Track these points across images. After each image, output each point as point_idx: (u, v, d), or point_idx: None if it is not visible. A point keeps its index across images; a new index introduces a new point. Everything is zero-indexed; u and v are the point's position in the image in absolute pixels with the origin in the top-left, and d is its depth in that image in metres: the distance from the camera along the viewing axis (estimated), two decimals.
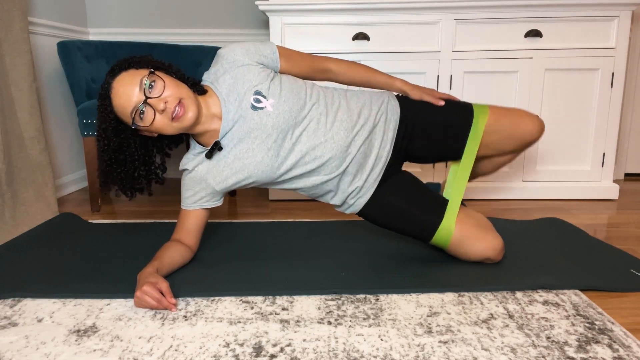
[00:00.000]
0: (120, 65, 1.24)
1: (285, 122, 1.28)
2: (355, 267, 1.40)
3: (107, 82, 1.23)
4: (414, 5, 2.07)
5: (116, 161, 1.29)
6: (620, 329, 1.06)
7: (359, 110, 1.37)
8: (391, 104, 1.43)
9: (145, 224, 1.85)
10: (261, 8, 2.09)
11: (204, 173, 1.34)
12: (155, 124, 1.22)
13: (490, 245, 1.37)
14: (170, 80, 1.23)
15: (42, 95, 2.25)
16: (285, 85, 1.31)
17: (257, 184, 1.35)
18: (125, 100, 1.20)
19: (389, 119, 1.41)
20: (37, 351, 0.99)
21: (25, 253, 1.51)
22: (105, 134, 1.26)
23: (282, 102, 1.28)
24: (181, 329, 1.07)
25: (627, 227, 1.84)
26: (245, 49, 1.33)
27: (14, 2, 1.81)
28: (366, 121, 1.37)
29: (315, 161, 1.32)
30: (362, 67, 1.46)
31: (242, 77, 1.30)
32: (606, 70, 2.14)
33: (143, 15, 2.69)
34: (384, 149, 1.40)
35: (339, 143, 1.32)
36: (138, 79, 1.20)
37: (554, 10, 2.08)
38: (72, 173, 2.51)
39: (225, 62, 1.32)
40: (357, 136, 1.35)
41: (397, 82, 1.46)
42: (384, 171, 1.41)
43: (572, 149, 2.22)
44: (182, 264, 1.37)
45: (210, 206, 1.38)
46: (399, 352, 0.98)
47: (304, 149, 1.31)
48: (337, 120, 1.33)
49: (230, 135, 1.30)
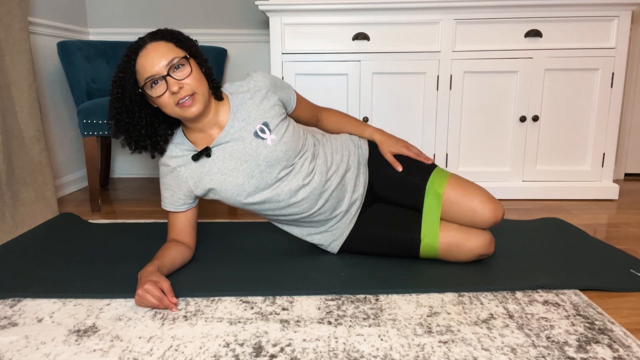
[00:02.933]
0: (163, 33, 1.26)
1: (277, 161, 1.31)
2: (355, 267, 1.40)
3: (143, 39, 1.25)
4: (414, 5, 2.07)
5: (127, 111, 1.28)
6: (620, 329, 1.06)
7: (332, 157, 1.42)
8: (363, 150, 1.50)
9: (145, 224, 1.85)
10: (261, 8, 2.09)
11: (185, 176, 1.34)
12: (160, 100, 1.23)
13: (478, 243, 1.38)
14: (196, 73, 1.25)
15: (42, 95, 2.25)
16: (290, 130, 1.35)
17: (223, 200, 1.37)
18: (149, 65, 1.21)
19: (360, 163, 1.47)
20: (37, 351, 0.99)
21: (25, 253, 1.51)
22: (122, 83, 1.26)
23: (282, 143, 1.32)
24: (181, 329, 1.07)
25: (627, 227, 1.84)
26: (274, 80, 1.38)
27: (14, 2, 1.81)
28: (338, 167, 1.42)
29: (289, 199, 1.35)
30: (342, 114, 1.58)
31: (259, 103, 1.33)
32: (606, 70, 2.14)
33: (143, 15, 2.69)
34: (357, 192, 1.44)
35: (313, 186, 1.36)
36: (172, 56, 1.22)
37: (554, 10, 2.08)
38: (72, 173, 2.51)
39: (252, 83, 1.35)
40: (329, 182, 1.39)
41: (367, 130, 1.53)
42: (359, 212, 1.46)
43: (572, 149, 2.22)
44: (183, 262, 1.37)
45: (185, 209, 1.39)
46: (399, 352, 0.98)
47: (282, 189, 1.34)
48: (317, 166, 1.38)
49: (223, 148, 1.32)
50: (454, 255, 1.39)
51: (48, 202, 1.93)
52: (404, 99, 2.19)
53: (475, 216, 1.36)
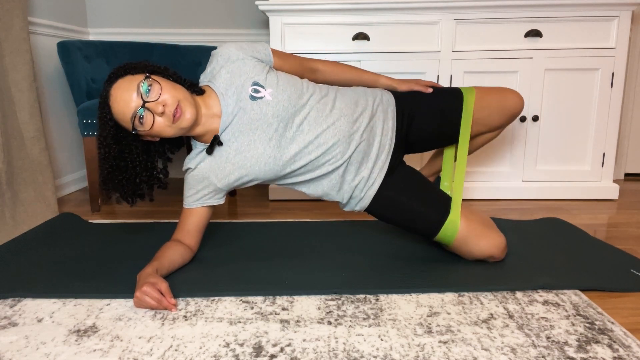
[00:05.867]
0: (116, 72, 1.25)
1: (285, 110, 1.29)
2: (355, 267, 1.40)
3: (105, 90, 1.24)
4: (414, 5, 2.07)
5: (117, 168, 1.29)
6: (620, 329, 1.06)
7: (355, 100, 1.40)
8: (385, 96, 1.46)
9: (145, 224, 1.85)
10: (261, 8, 2.09)
11: (206, 170, 1.34)
12: (155, 128, 1.22)
13: (494, 242, 1.37)
14: (166, 83, 1.23)
15: (42, 95, 2.25)
16: (281, 76, 1.33)
17: (260, 179, 1.35)
18: (124, 106, 1.21)
19: (385, 108, 1.43)
20: (37, 351, 0.99)
21: (25, 253, 1.51)
22: (106, 141, 1.26)
23: (281, 91, 1.29)
24: (181, 329, 1.07)
25: (627, 227, 1.84)
26: (239, 45, 1.35)
27: (14, 2, 1.81)
28: (364, 110, 1.39)
29: (319, 149, 1.32)
30: (348, 66, 1.52)
31: (238, 71, 1.31)
32: (606, 70, 2.14)
33: (143, 15, 2.69)
34: (386, 136, 1.41)
35: (341, 129, 1.33)
36: (135, 84, 1.20)
37: (554, 10, 2.08)
38: (72, 173, 2.51)
39: (220, 59, 1.34)
40: (357, 123, 1.36)
41: (382, 78, 1.52)
42: (389, 160, 1.42)
43: (572, 149, 2.22)
44: (182, 264, 1.37)
45: (213, 203, 1.38)
46: (399, 352, 0.98)
47: (307, 138, 1.31)
48: (336, 108, 1.35)
49: (231, 129, 1.31)
50: (467, 247, 1.38)
51: (48, 202, 1.93)
52: None
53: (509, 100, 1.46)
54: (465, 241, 1.37)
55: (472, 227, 1.36)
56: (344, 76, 1.50)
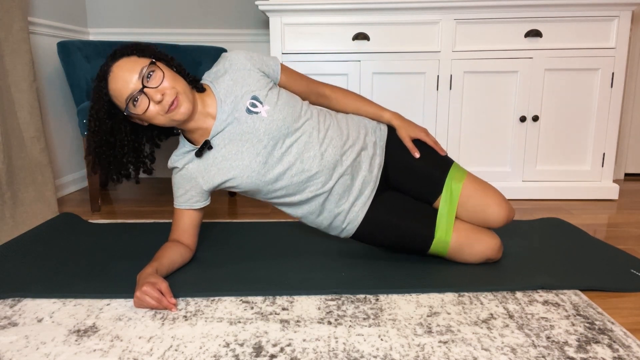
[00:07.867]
0: (122, 50, 1.24)
1: (277, 130, 1.29)
2: (355, 267, 1.40)
3: (107, 64, 1.23)
4: (414, 5, 2.07)
5: (106, 143, 1.28)
6: (620, 329, 1.06)
7: (347, 132, 1.38)
8: (380, 132, 1.45)
9: (145, 224, 1.85)
10: (261, 8, 2.09)
11: (193, 171, 1.34)
12: (147, 113, 1.22)
13: (488, 245, 1.37)
14: (169, 73, 1.24)
15: (42, 95, 2.25)
16: (282, 96, 1.33)
17: (242, 188, 1.34)
18: (122, 86, 1.20)
19: (377, 144, 1.42)
20: (37, 351, 0.99)
21: (25, 253, 1.51)
22: (97, 115, 1.25)
23: (277, 111, 1.29)
24: (181, 329, 1.07)
25: (627, 227, 1.84)
26: (249, 55, 1.34)
27: (14, 2, 1.81)
28: (355, 143, 1.37)
29: (302, 174, 1.32)
30: (355, 96, 1.49)
31: (241, 81, 1.31)
32: (606, 70, 2.14)
33: (143, 15, 2.69)
34: (371, 172, 1.39)
35: (327, 159, 1.32)
36: (139, 67, 1.20)
37: (554, 10, 2.08)
38: (72, 173, 2.51)
39: (227, 63, 1.33)
40: (345, 155, 1.35)
41: (386, 113, 1.47)
42: (374, 196, 1.40)
43: (572, 149, 2.22)
44: (182, 263, 1.37)
45: (201, 206, 1.38)
46: (399, 352, 0.98)
47: (292, 160, 1.31)
48: (328, 137, 1.34)
49: (222, 136, 1.31)
50: (462, 256, 1.38)
51: (48, 202, 1.93)
52: (404, 99, 2.19)
53: (490, 214, 1.36)
54: (459, 251, 1.38)
55: (462, 238, 1.36)
56: (349, 106, 1.48)
